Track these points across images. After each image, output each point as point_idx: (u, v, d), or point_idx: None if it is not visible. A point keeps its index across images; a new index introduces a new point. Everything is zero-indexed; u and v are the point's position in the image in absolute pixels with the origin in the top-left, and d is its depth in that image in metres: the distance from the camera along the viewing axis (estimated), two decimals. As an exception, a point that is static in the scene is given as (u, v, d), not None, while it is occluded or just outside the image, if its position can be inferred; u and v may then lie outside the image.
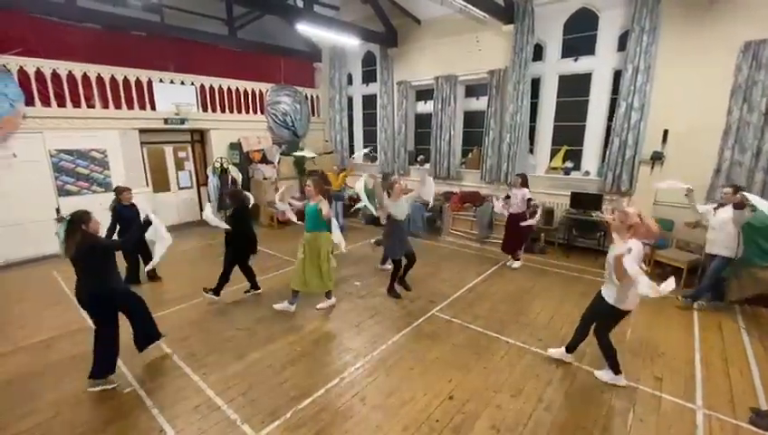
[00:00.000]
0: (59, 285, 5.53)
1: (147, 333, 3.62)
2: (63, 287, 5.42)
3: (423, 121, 9.32)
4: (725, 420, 2.85)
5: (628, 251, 2.74)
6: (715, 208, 4.49)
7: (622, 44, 6.13)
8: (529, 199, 5.81)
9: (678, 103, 5.75)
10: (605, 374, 3.31)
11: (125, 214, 5.09)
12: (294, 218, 4.94)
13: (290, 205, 4.92)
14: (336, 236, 4.52)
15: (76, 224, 3.02)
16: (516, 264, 6.01)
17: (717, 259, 4.46)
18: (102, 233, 3.20)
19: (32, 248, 6.55)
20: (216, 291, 4.83)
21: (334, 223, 4.49)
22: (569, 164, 7.06)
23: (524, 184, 5.85)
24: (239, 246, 4.85)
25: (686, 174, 5.73)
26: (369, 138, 10.56)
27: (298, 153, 8.57)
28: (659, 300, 4.77)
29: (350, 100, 10.52)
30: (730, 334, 4.07)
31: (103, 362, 3.26)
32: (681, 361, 3.59)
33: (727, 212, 4.29)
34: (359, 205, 5.25)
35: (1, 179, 6.11)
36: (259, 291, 5.10)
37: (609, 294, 3.13)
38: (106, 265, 3.23)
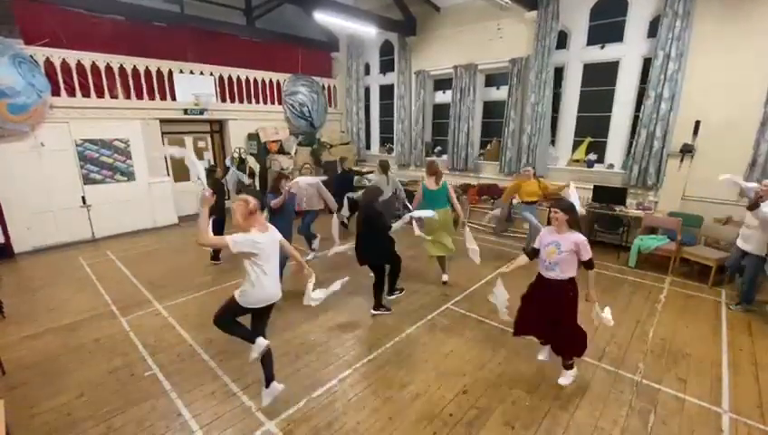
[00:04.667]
0: (85, 270, 5.72)
1: None
2: (89, 273, 5.61)
3: (441, 112, 9.17)
4: (753, 425, 2.72)
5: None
6: (751, 206, 4.23)
7: (653, 30, 5.84)
8: None
9: (712, 93, 5.46)
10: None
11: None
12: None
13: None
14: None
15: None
16: None
17: (750, 259, 4.22)
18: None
19: (59, 235, 6.80)
20: None
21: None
22: (592, 156, 6.83)
23: None
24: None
25: (718, 167, 5.47)
26: (386, 129, 10.47)
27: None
28: (687, 299, 4.63)
29: (366, 90, 10.42)
30: (760, 336, 3.88)
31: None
32: (707, 362, 3.44)
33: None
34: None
35: (30, 168, 6.32)
36: None
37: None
38: None
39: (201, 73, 8.21)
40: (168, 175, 8.17)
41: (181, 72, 7.90)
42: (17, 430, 2.67)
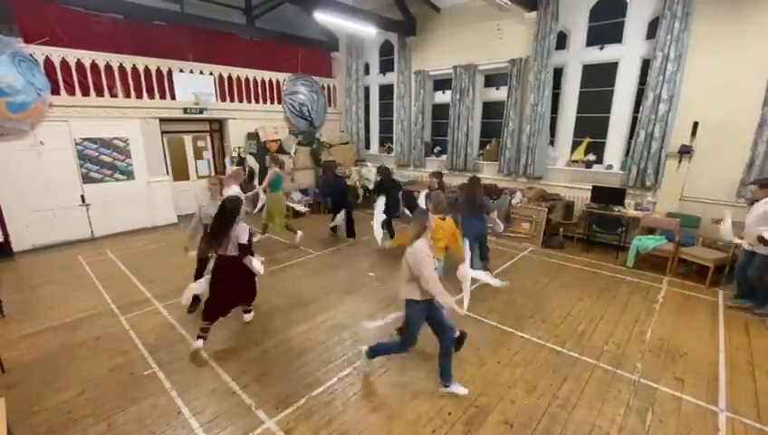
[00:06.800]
0: (84, 269, 5.72)
1: None
2: (88, 271, 5.61)
3: (440, 112, 9.18)
4: (750, 424, 2.74)
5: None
6: (749, 204, 4.27)
7: (652, 32, 5.86)
8: None
9: (710, 94, 5.48)
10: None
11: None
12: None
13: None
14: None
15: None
16: None
17: (757, 259, 4.20)
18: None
19: (58, 233, 6.79)
20: None
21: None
22: (591, 157, 6.85)
23: None
24: None
25: (715, 168, 5.53)
26: (386, 128, 10.48)
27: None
28: (684, 299, 4.66)
29: (366, 90, 10.43)
30: (757, 335, 3.91)
31: None
32: (704, 362, 3.47)
33: (764, 205, 4.07)
34: None
35: (29, 167, 6.31)
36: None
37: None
38: None
39: (201, 72, 8.21)
40: (168, 174, 8.16)
41: (181, 71, 7.90)
42: (18, 428, 2.68)
